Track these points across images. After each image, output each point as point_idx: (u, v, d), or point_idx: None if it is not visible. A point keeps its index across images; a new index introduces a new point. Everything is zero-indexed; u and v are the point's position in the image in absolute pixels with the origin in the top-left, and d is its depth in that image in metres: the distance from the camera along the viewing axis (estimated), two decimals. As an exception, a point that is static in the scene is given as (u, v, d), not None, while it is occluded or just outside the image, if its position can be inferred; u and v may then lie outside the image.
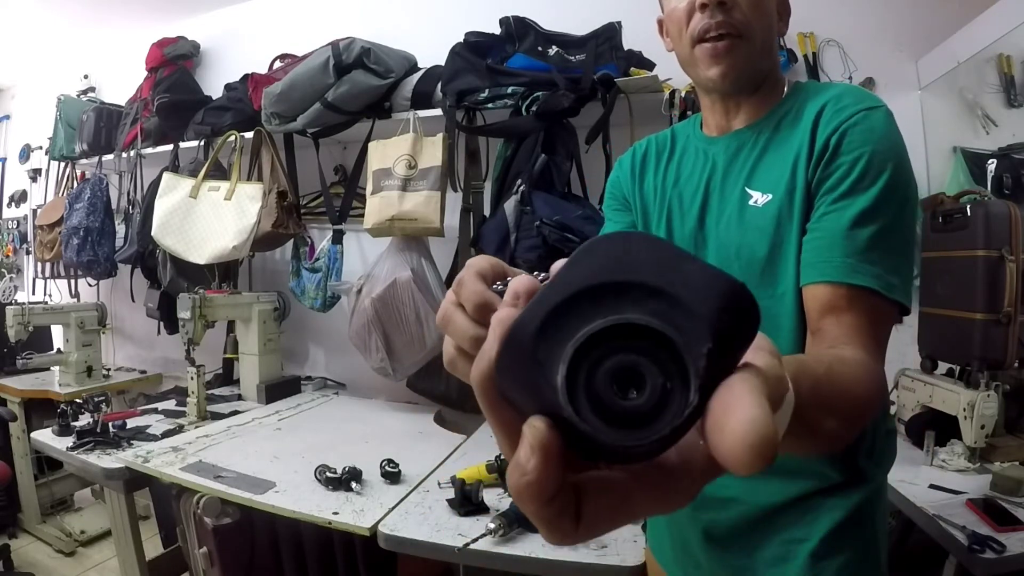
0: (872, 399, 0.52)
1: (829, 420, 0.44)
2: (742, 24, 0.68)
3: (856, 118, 0.64)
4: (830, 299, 0.60)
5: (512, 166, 1.74)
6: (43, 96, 3.07)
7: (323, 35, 2.01)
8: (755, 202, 0.69)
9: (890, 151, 0.63)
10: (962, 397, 1.32)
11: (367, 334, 1.83)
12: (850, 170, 0.62)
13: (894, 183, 0.61)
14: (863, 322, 0.59)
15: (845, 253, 0.60)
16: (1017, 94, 1.86)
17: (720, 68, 0.70)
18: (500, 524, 1.03)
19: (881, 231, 0.60)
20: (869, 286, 0.59)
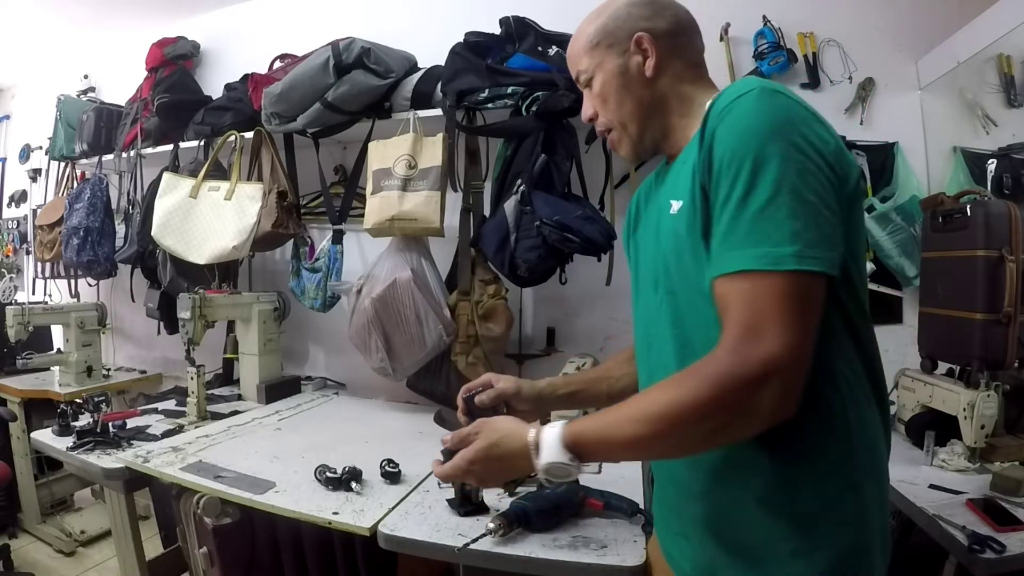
0: (680, 396, 0.62)
1: (626, 427, 0.66)
2: (605, 123, 0.85)
3: (723, 113, 0.67)
4: (719, 296, 0.64)
5: (512, 166, 1.75)
6: (43, 96, 3.06)
7: (323, 35, 2.00)
8: (673, 210, 0.75)
9: (753, 132, 0.63)
10: (962, 397, 1.32)
11: (367, 334, 1.83)
12: (722, 166, 0.65)
13: (765, 157, 0.62)
14: (736, 310, 0.62)
15: (726, 247, 0.63)
16: (1017, 94, 1.87)
17: (622, 153, 0.87)
18: (500, 524, 1.03)
19: (760, 210, 0.61)
20: (747, 268, 0.61)
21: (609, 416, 0.69)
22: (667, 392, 0.64)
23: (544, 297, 2.04)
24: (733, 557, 0.73)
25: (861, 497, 0.69)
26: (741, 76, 1.92)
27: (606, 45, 0.81)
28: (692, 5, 0.89)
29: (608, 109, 0.83)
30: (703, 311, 0.69)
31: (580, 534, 1.07)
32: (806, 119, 0.65)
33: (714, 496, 0.74)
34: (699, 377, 0.62)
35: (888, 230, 1.77)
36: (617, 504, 1.14)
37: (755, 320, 0.60)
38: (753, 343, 0.60)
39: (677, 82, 0.81)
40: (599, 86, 0.83)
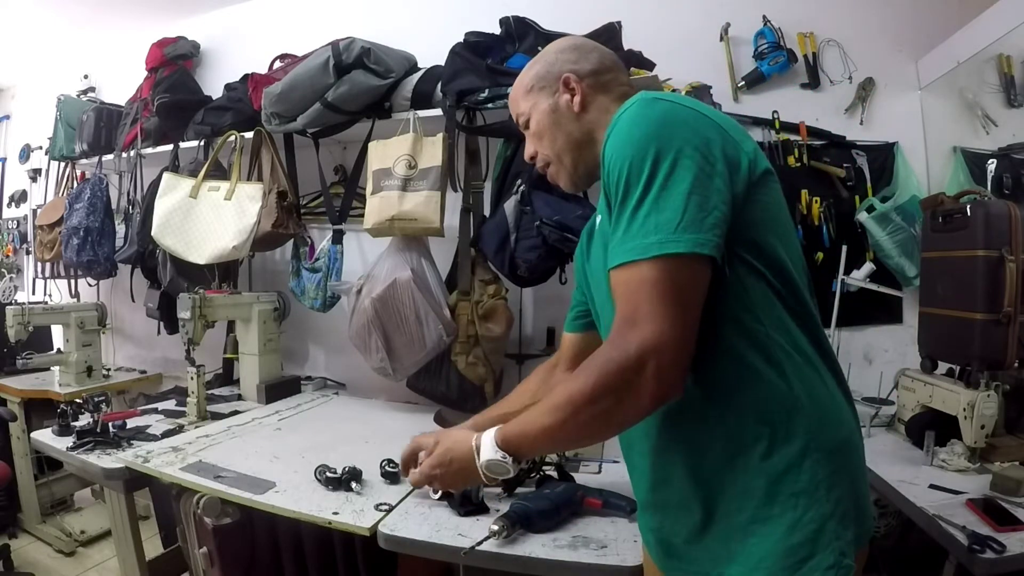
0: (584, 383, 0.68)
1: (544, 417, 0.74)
2: (543, 160, 0.94)
3: (611, 129, 0.73)
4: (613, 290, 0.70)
5: (512, 166, 1.75)
6: (43, 96, 3.06)
7: (323, 35, 2.01)
8: (599, 223, 0.84)
9: (627, 141, 0.69)
10: (962, 397, 1.32)
11: (367, 334, 1.83)
12: (609, 177, 0.72)
13: (633, 164, 0.68)
14: (618, 302, 0.68)
15: (611, 245, 0.69)
16: (1017, 94, 1.87)
17: (562, 185, 0.94)
18: (503, 526, 1.03)
19: (633, 210, 0.67)
20: (621, 262, 0.67)
21: (528, 414, 0.77)
22: (566, 385, 0.72)
23: (544, 297, 2.04)
24: (691, 537, 0.77)
25: (816, 468, 0.70)
26: (741, 76, 1.93)
27: (539, 88, 0.91)
28: (692, 5, 0.89)
29: (544, 144, 0.91)
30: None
31: (580, 534, 1.07)
32: (683, 117, 0.69)
33: (670, 479, 0.78)
34: (588, 368, 0.69)
35: (888, 230, 1.78)
36: (616, 503, 1.14)
37: (630, 309, 0.66)
38: (629, 330, 0.66)
39: (604, 114, 0.86)
40: (535, 124, 0.92)
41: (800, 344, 0.73)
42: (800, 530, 0.69)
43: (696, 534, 0.76)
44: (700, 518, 0.75)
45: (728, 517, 0.73)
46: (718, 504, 0.74)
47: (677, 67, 1.76)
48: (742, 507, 0.72)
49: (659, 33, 1.85)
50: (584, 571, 0.98)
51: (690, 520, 0.76)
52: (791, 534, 0.69)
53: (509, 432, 0.78)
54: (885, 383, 1.72)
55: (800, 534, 0.69)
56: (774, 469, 0.70)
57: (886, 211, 1.77)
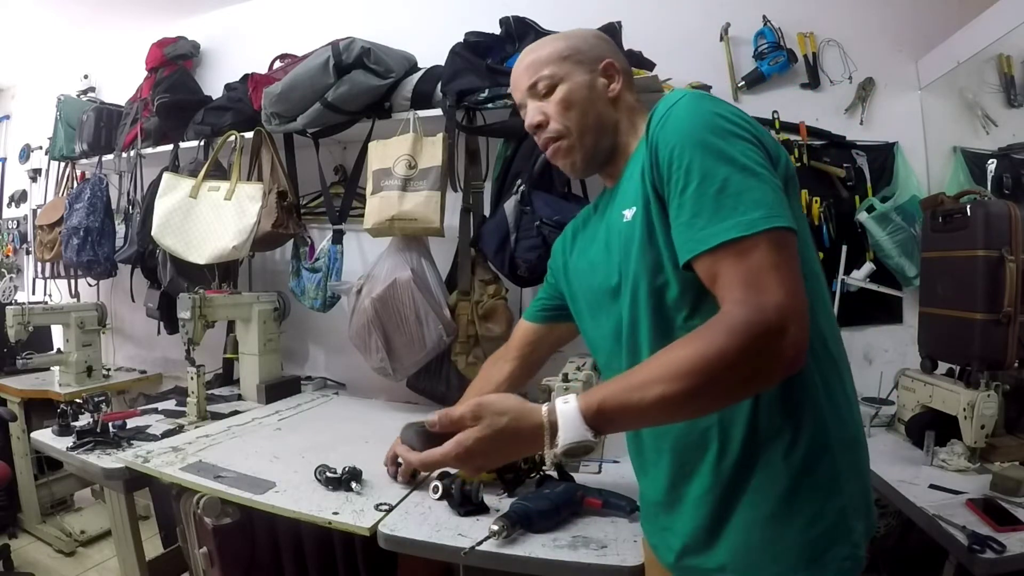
0: (710, 347, 0.62)
1: (653, 388, 0.63)
2: (560, 131, 0.87)
3: (663, 118, 0.73)
4: (706, 271, 0.68)
5: (512, 166, 1.75)
6: (43, 96, 3.06)
7: (323, 35, 2.01)
8: (626, 218, 0.81)
9: (694, 125, 0.70)
10: (962, 397, 1.32)
11: (367, 334, 1.83)
12: (671, 164, 0.70)
13: (708, 146, 0.68)
14: (732, 274, 0.65)
15: (699, 227, 0.67)
16: (1017, 94, 1.87)
17: (564, 165, 0.90)
18: (503, 526, 1.03)
19: (721, 189, 0.67)
20: (727, 239, 0.65)
21: (629, 381, 0.66)
22: (687, 349, 0.64)
23: (544, 297, 2.04)
24: (709, 533, 0.77)
25: (834, 462, 0.73)
26: (741, 76, 1.93)
27: (575, 60, 0.88)
28: (692, 5, 0.89)
29: (569, 117, 0.86)
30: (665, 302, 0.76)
31: (580, 534, 1.07)
32: (735, 112, 0.72)
33: (692, 475, 0.78)
34: (718, 330, 0.63)
35: (888, 230, 1.78)
36: (616, 503, 1.14)
37: (752, 277, 0.64)
38: (761, 294, 0.63)
39: (630, 110, 0.89)
40: (564, 93, 0.87)
41: (825, 340, 0.75)
42: (819, 523, 0.71)
43: (714, 529, 0.76)
44: (719, 513, 0.75)
45: (748, 512, 0.74)
46: (738, 499, 0.74)
47: (677, 67, 1.76)
48: (762, 501, 0.73)
49: (659, 33, 1.85)
50: (584, 571, 0.98)
51: (708, 516, 0.77)
52: (810, 528, 0.71)
53: (607, 404, 0.66)
54: (885, 383, 1.72)
55: (819, 527, 0.71)
56: (796, 464, 0.72)
57: (886, 211, 1.77)
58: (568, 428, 0.65)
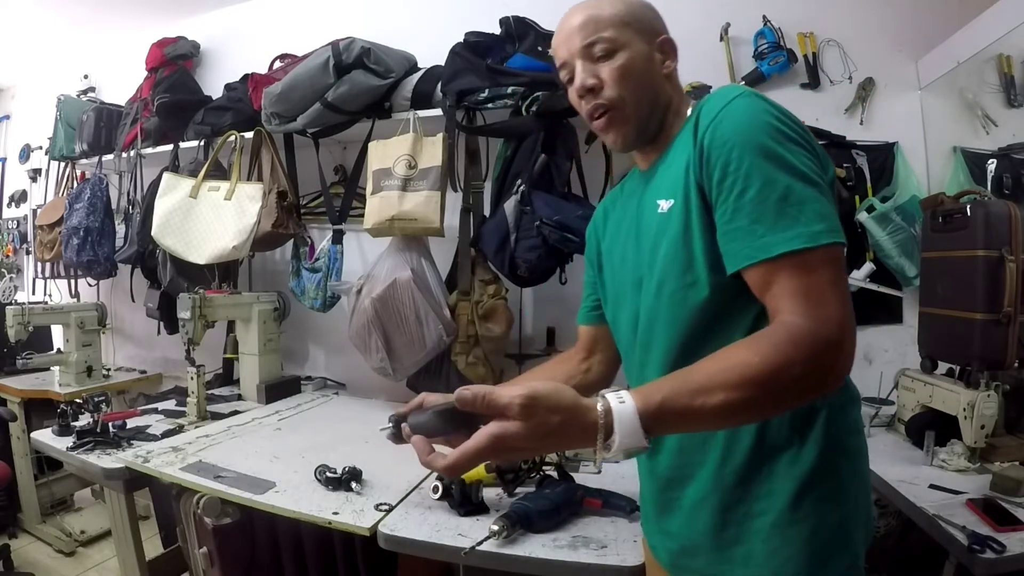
0: (781, 360, 0.60)
1: (714, 395, 0.59)
2: (613, 99, 0.80)
3: (720, 115, 0.71)
4: (761, 278, 0.67)
5: (512, 166, 1.74)
6: (43, 96, 3.06)
7: (323, 35, 2.00)
8: (662, 209, 0.78)
9: (754, 129, 0.68)
10: (962, 397, 1.32)
11: (367, 334, 1.83)
12: (728, 163, 0.68)
13: (770, 152, 0.67)
14: (791, 284, 0.65)
15: (758, 234, 0.66)
16: (1017, 94, 1.87)
17: (610, 137, 0.84)
18: (503, 526, 1.03)
19: (783, 197, 0.66)
20: (789, 250, 0.64)
21: (689, 385, 0.61)
22: (753, 356, 0.61)
23: (544, 297, 2.04)
24: (710, 538, 0.77)
25: (839, 473, 0.73)
26: (741, 76, 1.93)
27: (636, 28, 0.81)
28: (692, 5, 0.89)
29: (626, 86, 0.79)
30: (689, 302, 0.75)
31: (580, 534, 1.07)
32: (790, 115, 0.71)
33: (691, 478, 0.78)
34: (784, 340, 0.62)
35: (888, 230, 1.77)
36: (616, 502, 1.14)
37: (815, 291, 0.64)
38: (823, 308, 0.63)
39: (678, 92, 0.86)
40: (625, 60, 0.79)
41: None
42: (821, 533, 0.71)
43: (714, 535, 0.76)
44: (720, 519, 0.75)
45: (751, 519, 0.74)
46: (740, 506, 0.74)
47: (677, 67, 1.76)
48: (767, 509, 0.73)
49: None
50: (584, 571, 0.98)
51: (708, 521, 0.76)
52: (814, 537, 0.71)
53: (666, 408, 0.60)
54: (885, 383, 1.72)
55: (822, 537, 0.71)
56: (801, 474, 0.72)
57: (886, 211, 1.77)
58: (625, 432, 0.58)
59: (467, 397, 0.59)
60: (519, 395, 0.57)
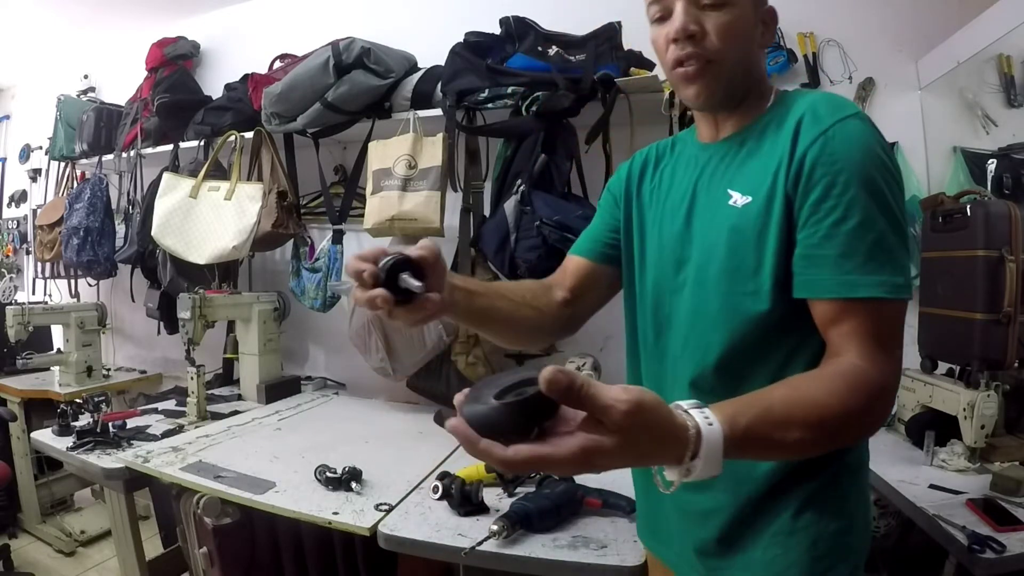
0: (848, 404, 0.59)
1: (792, 432, 0.57)
2: (712, 51, 0.72)
3: (832, 130, 0.67)
4: (835, 313, 0.65)
5: (512, 166, 1.74)
6: (43, 96, 3.06)
7: (323, 35, 2.01)
8: (734, 202, 0.73)
9: (867, 160, 0.66)
10: (962, 397, 1.32)
11: (367, 334, 1.83)
12: (832, 185, 0.65)
13: (878, 188, 0.65)
14: (862, 326, 0.64)
15: (845, 270, 0.65)
16: (1017, 94, 1.86)
17: (694, 89, 0.75)
18: (503, 526, 1.03)
19: (879, 239, 0.64)
20: (872, 296, 0.64)
21: (772, 416, 0.57)
22: (830, 397, 0.60)
23: (544, 297, 2.04)
24: (720, 544, 0.76)
25: (843, 486, 0.74)
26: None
27: None
28: (692, 4, 0.87)
29: (729, 43, 0.72)
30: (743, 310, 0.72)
31: (580, 534, 1.07)
32: (889, 150, 0.69)
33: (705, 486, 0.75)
34: (857, 386, 0.61)
35: (888, 230, 1.77)
36: (615, 502, 1.14)
37: (884, 341, 0.64)
38: (888, 359, 0.64)
39: (763, 67, 0.82)
40: (734, 17, 0.72)
41: None
42: (823, 543, 0.72)
43: (717, 541, 0.76)
44: (727, 527, 0.76)
45: (756, 528, 0.74)
46: (749, 514, 0.74)
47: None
48: (772, 519, 0.73)
49: (659, 33, 1.84)
50: (584, 571, 0.98)
51: (715, 529, 0.76)
52: (815, 546, 0.72)
53: (750, 439, 0.55)
54: (885, 383, 1.72)
55: (823, 546, 0.72)
56: (809, 489, 0.72)
57: (886, 211, 1.77)
58: (709, 457, 0.51)
59: (561, 381, 0.45)
60: (625, 400, 0.47)
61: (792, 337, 0.71)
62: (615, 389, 0.48)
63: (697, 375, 0.76)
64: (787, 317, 0.70)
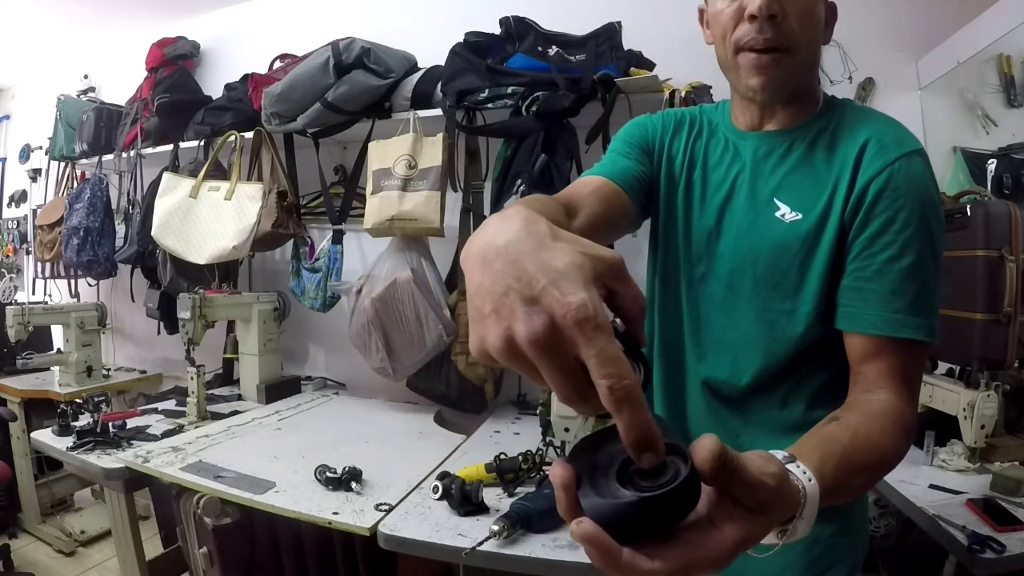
0: (898, 446, 0.60)
1: (859, 478, 0.54)
2: (790, 39, 0.68)
3: (899, 164, 0.66)
4: (875, 347, 0.65)
5: (512, 166, 1.74)
6: (43, 96, 3.06)
7: (323, 35, 2.00)
8: (782, 215, 0.71)
9: (928, 202, 0.66)
10: (962, 397, 1.32)
11: (367, 334, 1.83)
12: (892, 221, 0.65)
13: (933, 232, 0.66)
14: (900, 366, 0.64)
15: (894, 308, 0.65)
16: (1017, 94, 1.86)
17: (762, 80, 0.70)
18: (504, 526, 1.03)
19: (926, 281, 0.65)
20: (916, 338, 0.64)
21: (850, 463, 0.53)
22: (887, 440, 0.59)
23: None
24: None
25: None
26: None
27: None
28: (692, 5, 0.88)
29: (806, 27, 0.69)
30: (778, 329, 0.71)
31: (580, 534, 1.07)
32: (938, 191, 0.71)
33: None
34: (904, 428, 0.61)
35: (888, 230, 1.77)
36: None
37: (914, 380, 0.66)
38: (915, 400, 0.65)
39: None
40: (811, 5, 0.69)
41: None
42: (820, 544, 0.72)
43: None
44: None
45: None
46: None
47: (677, 67, 1.76)
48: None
49: (659, 33, 1.84)
50: (584, 571, 0.98)
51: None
52: (812, 548, 0.72)
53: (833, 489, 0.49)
54: (885, 383, 1.71)
55: (820, 548, 0.72)
56: None
57: (886, 211, 1.77)
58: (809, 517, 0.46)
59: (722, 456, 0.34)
60: (772, 475, 0.39)
61: (816, 360, 0.72)
62: (755, 459, 0.39)
63: (718, 381, 0.76)
64: (818, 342, 0.70)
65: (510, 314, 0.31)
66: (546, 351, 0.30)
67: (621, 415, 0.30)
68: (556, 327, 0.29)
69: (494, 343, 0.32)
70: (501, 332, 0.31)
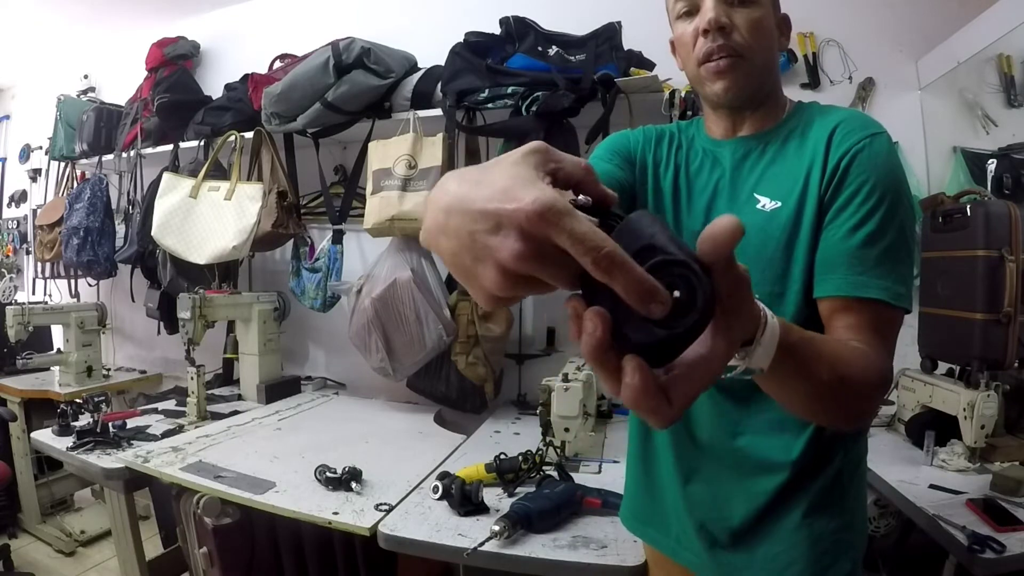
0: (869, 378, 0.60)
1: (819, 367, 0.54)
2: (741, 46, 0.74)
3: (863, 143, 0.70)
4: (841, 307, 0.68)
5: (512, 166, 1.74)
6: (43, 96, 3.06)
7: (323, 35, 2.00)
8: (763, 207, 0.75)
9: (891, 175, 0.70)
10: (962, 397, 1.32)
11: (367, 334, 1.83)
12: (857, 193, 0.69)
13: (895, 203, 0.69)
14: (868, 321, 0.66)
15: (856, 271, 0.67)
16: (1017, 94, 1.86)
17: (724, 83, 0.76)
18: (504, 526, 1.03)
19: (887, 249, 0.67)
20: (878, 298, 0.66)
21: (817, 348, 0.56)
22: (852, 358, 0.61)
23: (544, 297, 2.02)
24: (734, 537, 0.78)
25: (846, 486, 0.75)
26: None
27: None
28: (692, 4, 0.87)
29: (754, 36, 0.74)
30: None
31: (580, 534, 1.07)
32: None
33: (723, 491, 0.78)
34: (870, 364, 0.62)
35: (888, 230, 1.77)
36: (616, 502, 1.14)
37: (884, 340, 0.67)
38: (887, 355, 0.66)
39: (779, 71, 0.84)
40: (762, 15, 0.75)
41: None
42: (824, 540, 0.74)
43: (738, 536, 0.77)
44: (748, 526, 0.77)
45: (762, 525, 0.75)
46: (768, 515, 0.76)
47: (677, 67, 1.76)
48: (780, 517, 0.75)
49: (659, 33, 1.83)
50: (584, 571, 0.98)
51: (724, 524, 0.78)
52: (817, 543, 0.73)
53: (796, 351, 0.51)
54: (885, 383, 1.72)
55: (824, 543, 0.73)
56: (818, 490, 0.74)
57: (886, 211, 1.77)
58: (765, 347, 0.48)
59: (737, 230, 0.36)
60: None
61: None
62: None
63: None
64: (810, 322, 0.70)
65: (488, 251, 0.31)
66: (535, 259, 0.30)
67: (614, 281, 0.30)
68: (527, 233, 0.30)
69: (493, 284, 0.32)
70: (492, 272, 0.31)
